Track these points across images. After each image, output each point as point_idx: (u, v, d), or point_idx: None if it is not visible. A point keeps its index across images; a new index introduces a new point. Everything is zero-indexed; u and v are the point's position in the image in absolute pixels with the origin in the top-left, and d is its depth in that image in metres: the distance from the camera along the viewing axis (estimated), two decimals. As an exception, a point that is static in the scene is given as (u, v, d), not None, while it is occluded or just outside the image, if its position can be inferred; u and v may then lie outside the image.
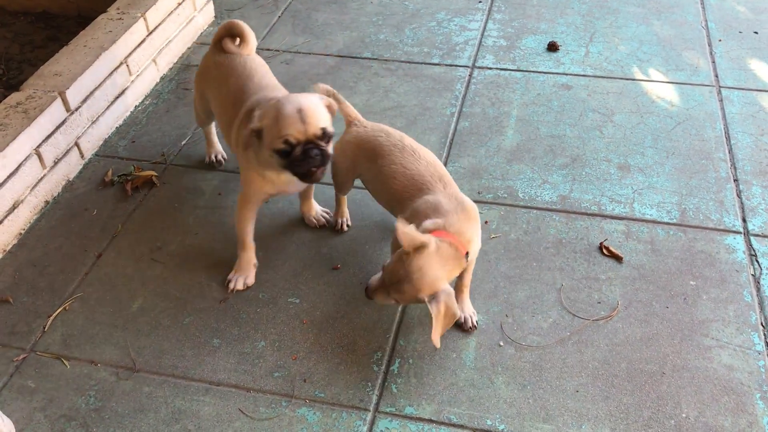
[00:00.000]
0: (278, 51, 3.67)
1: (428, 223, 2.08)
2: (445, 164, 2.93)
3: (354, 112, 2.50)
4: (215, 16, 3.96)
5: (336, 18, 3.93)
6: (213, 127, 2.96)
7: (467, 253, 2.07)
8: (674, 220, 2.63)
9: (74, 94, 2.90)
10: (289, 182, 2.32)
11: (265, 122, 2.14)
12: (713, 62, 3.43)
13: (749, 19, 3.74)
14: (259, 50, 3.67)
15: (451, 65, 3.51)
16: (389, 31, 3.79)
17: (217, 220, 2.72)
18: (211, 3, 3.93)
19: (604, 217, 2.66)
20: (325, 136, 2.14)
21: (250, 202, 2.41)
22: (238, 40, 2.64)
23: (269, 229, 2.66)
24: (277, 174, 2.28)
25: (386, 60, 3.57)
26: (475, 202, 2.68)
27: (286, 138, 2.10)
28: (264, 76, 2.54)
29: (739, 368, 2.14)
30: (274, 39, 3.77)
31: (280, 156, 2.14)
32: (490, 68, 3.47)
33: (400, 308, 2.36)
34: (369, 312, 2.35)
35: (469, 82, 3.39)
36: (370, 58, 3.59)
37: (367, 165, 2.37)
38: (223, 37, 2.62)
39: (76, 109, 2.92)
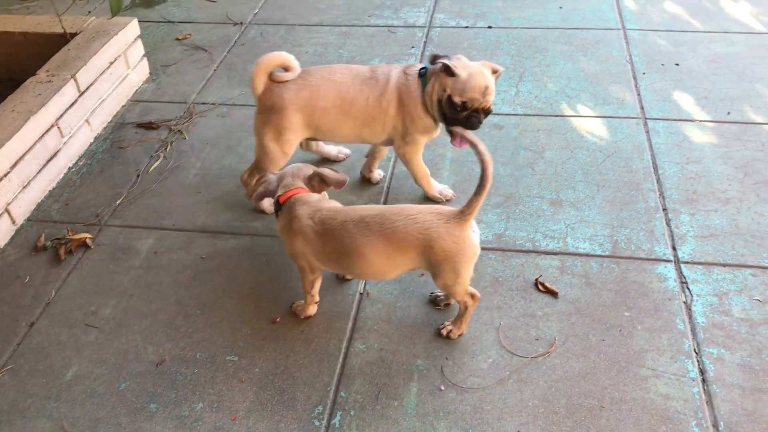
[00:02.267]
0: (214, 104, 3.67)
1: None
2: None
3: None
4: (150, 73, 3.96)
5: (271, 69, 3.96)
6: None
7: None
8: (607, 253, 2.68)
9: (2, 159, 2.85)
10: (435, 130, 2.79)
11: (461, 73, 2.54)
12: (638, 95, 3.54)
13: (670, 51, 3.88)
14: (195, 104, 3.68)
15: (386, 110, 3.56)
16: (324, 79, 3.83)
17: (152, 280, 2.68)
18: (146, 60, 3.93)
19: (539, 253, 2.70)
20: (487, 113, 2.61)
21: (419, 146, 2.81)
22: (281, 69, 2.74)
23: (207, 286, 2.64)
24: (432, 119, 2.72)
25: (322, 108, 3.60)
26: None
27: (466, 100, 2.55)
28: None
29: (674, 396, 2.17)
30: (210, 93, 3.78)
31: (450, 105, 2.58)
32: (425, 111, 3.53)
33: (340, 359, 2.34)
34: (309, 365, 2.33)
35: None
36: (306, 107, 3.62)
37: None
38: (265, 74, 2.70)
39: (5, 175, 2.87)
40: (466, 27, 4.24)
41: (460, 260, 2.18)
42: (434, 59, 2.62)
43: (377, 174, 3.11)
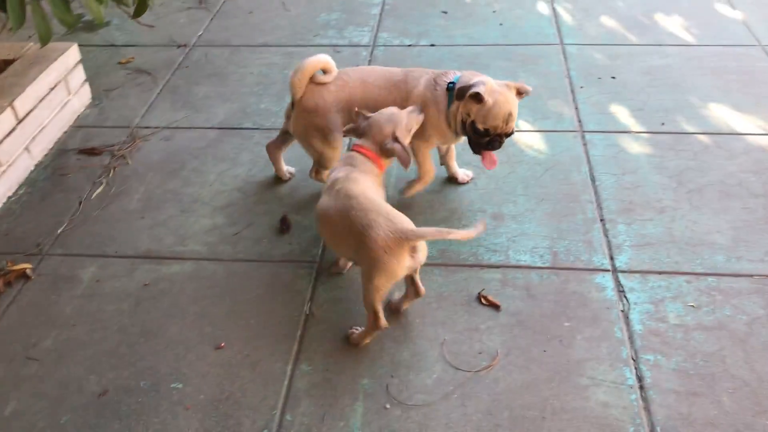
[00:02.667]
0: (157, 128, 3.65)
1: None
2: (328, 229, 2.96)
3: None
4: (92, 98, 3.92)
5: (216, 90, 3.96)
6: None
7: None
8: (547, 264, 2.74)
9: (-64, 192, 2.79)
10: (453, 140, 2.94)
11: (488, 100, 2.66)
12: (576, 108, 3.64)
13: (606, 65, 4.00)
14: (138, 129, 3.65)
15: (331, 130, 3.59)
16: (270, 100, 3.85)
17: (95, 309, 2.64)
18: (87, 85, 3.89)
19: (482, 266, 2.75)
20: (508, 135, 2.77)
21: (431, 144, 2.93)
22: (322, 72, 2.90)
23: (150, 314, 2.61)
24: (453, 134, 2.84)
25: (268, 129, 3.61)
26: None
27: (488, 128, 2.71)
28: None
29: (613, 404, 2.22)
30: (154, 116, 3.76)
31: (473, 130, 2.73)
32: (369, 130, 3.56)
33: (286, 381, 2.34)
34: (255, 389, 2.32)
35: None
36: (251, 128, 3.63)
37: None
38: (307, 78, 2.85)
39: (-60, 207, 2.81)
40: (410, 45, 4.31)
41: (378, 270, 2.26)
42: (463, 91, 2.67)
43: (462, 173, 3.19)
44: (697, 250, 2.76)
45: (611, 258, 2.76)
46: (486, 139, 2.77)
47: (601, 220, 2.94)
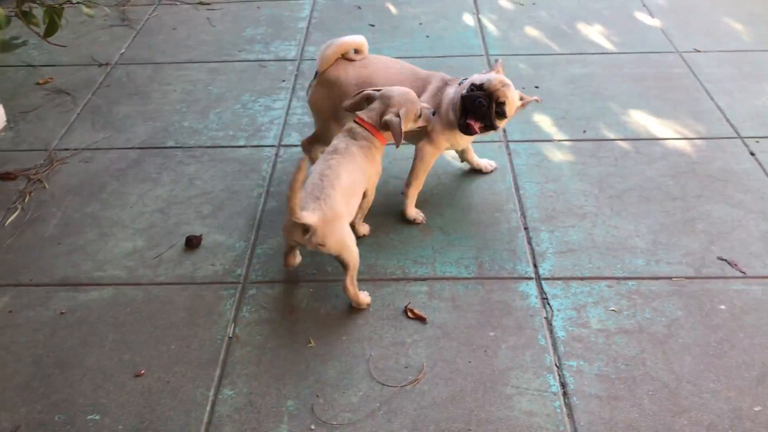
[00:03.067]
0: (77, 150, 3.54)
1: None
2: (254, 248, 2.92)
3: None
4: (7, 121, 3.77)
5: (138, 109, 3.86)
6: None
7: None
8: (472, 274, 2.75)
9: None
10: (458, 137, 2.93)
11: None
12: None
13: (531, 74, 4.06)
14: (56, 151, 3.54)
15: (257, 146, 3.54)
16: (194, 117, 3.78)
17: (7, 341, 2.53)
18: (2, 107, 3.75)
19: (408, 280, 2.74)
20: (499, 105, 2.76)
21: (434, 155, 2.95)
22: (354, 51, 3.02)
23: (67, 343, 2.52)
24: (451, 131, 2.87)
25: (191, 147, 3.54)
26: (284, 282, 2.73)
27: (484, 81, 2.77)
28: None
29: (538, 412, 2.23)
30: (73, 138, 3.64)
31: (470, 88, 2.77)
32: (296, 146, 3.53)
33: (208, 407, 2.28)
34: (176, 416, 2.25)
35: (275, 161, 3.43)
36: (174, 147, 3.55)
37: None
38: (338, 55, 2.98)
39: None
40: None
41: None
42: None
43: (485, 162, 3.28)
44: (617, 254, 2.81)
45: (535, 266, 2.78)
46: (479, 98, 2.73)
47: (525, 228, 2.97)
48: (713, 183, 3.14)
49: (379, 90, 2.74)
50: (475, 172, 3.29)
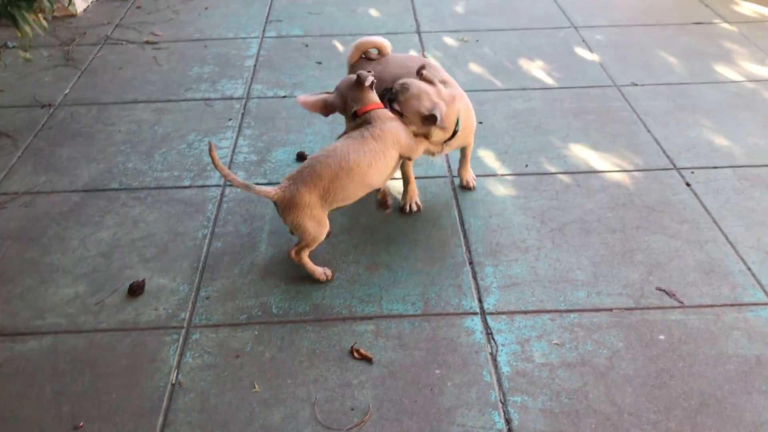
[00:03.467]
0: (17, 194, 3.47)
1: None
2: (198, 291, 2.89)
3: None
4: (-56, 165, 3.69)
5: (82, 151, 3.81)
6: None
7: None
8: (419, 311, 2.76)
9: None
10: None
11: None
12: (446, 155, 3.72)
13: (474, 110, 4.12)
14: (-5, 196, 3.46)
15: (202, 186, 3.52)
16: (138, 158, 3.74)
17: (-62, 397, 2.45)
18: (-62, 151, 3.67)
19: (355, 319, 2.74)
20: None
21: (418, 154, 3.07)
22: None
23: (2, 394, 2.44)
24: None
25: (135, 189, 3.50)
26: (229, 326, 2.70)
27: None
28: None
29: (483, 450, 2.24)
30: (14, 181, 3.57)
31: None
32: (242, 185, 3.52)
33: (149, 458, 2.23)
34: (115, 469, 2.20)
35: (221, 201, 3.41)
36: (117, 189, 3.51)
37: None
38: (359, 54, 3.33)
39: None
40: (284, 96, 4.31)
41: None
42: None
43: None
44: (560, 287, 2.86)
45: (480, 300, 2.81)
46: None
47: (470, 263, 3.00)
48: (651, 214, 3.23)
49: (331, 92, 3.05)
50: (422, 208, 3.32)
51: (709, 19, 5.16)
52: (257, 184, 3.49)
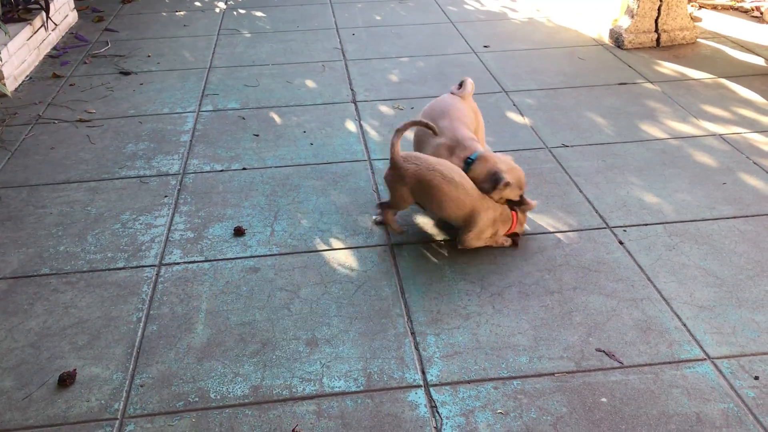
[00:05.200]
0: (-61, 285, 3.32)
1: None
2: (132, 378, 2.78)
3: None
4: None
5: (10, 236, 3.69)
6: None
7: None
8: (361, 388, 2.71)
9: None
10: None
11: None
12: (380, 222, 3.74)
13: (412, 176, 4.18)
14: None
15: (137, 267, 3.44)
16: (70, 241, 3.64)
17: None
18: None
19: (296, 399, 2.67)
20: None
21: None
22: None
23: None
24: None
25: (66, 273, 3.40)
26: (165, 414, 2.61)
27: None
28: None
29: None
30: (-64, 271, 3.43)
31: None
32: (178, 263, 3.45)
33: None
34: None
35: (156, 282, 3.33)
36: (48, 274, 3.39)
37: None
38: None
39: None
40: (221, 170, 4.29)
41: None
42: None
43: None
44: (501, 353, 2.85)
45: (423, 372, 2.78)
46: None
47: (412, 333, 2.98)
48: (587, 274, 3.28)
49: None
50: (362, 278, 3.30)
51: (632, 79, 5.39)
52: (193, 262, 3.46)
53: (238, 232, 3.67)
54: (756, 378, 2.69)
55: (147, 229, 3.74)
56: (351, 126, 4.81)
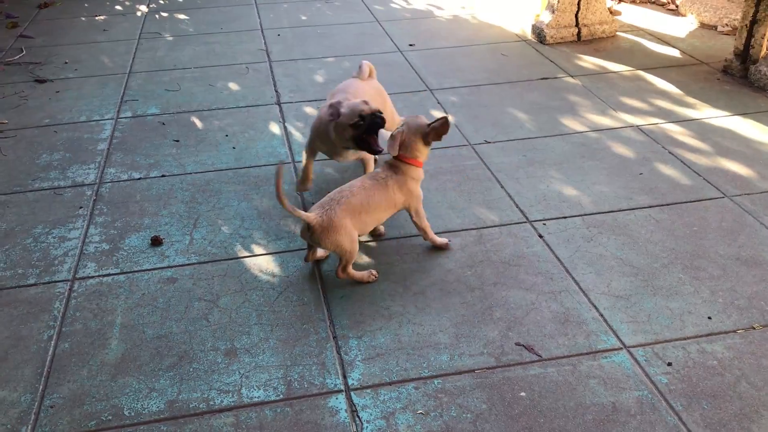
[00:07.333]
0: None
1: None
2: (42, 399, 2.67)
3: None
4: None
5: None
6: None
7: None
8: (281, 396, 2.66)
9: None
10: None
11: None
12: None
13: (335, 178, 4.15)
14: None
15: (49, 282, 3.31)
16: (-23, 259, 3.48)
17: None
18: None
19: (213, 412, 2.60)
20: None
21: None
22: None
23: None
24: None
25: (-27, 294, 3.24)
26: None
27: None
28: None
29: None
30: None
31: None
32: (92, 277, 3.33)
33: None
34: None
35: (69, 297, 3.21)
36: (-48, 296, 3.23)
37: None
38: None
39: None
40: (139, 178, 4.17)
41: None
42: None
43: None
44: (423, 352, 2.85)
45: (344, 376, 2.75)
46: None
47: (334, 337, 2.95)
48: (507, 269, 3.31)
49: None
50: (284, 283, 3.25)
51: (554, 74, 5.47)
52: (108, 275, 3.35)
53: (156, 241, 3.57)
54: (669, 364, 2.76)
55: (60, 242, 3.60)
56: (275, 128, 4.74)
